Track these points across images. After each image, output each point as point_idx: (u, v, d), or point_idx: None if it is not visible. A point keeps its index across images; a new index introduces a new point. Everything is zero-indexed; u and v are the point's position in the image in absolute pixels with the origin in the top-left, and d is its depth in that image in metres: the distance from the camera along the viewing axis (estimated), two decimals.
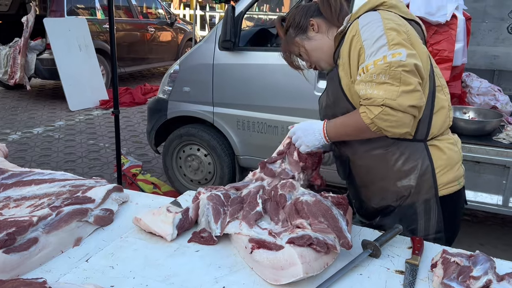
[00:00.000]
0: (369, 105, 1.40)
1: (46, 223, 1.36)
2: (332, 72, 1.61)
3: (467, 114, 3.49)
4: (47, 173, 1.83)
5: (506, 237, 3.62)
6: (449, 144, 1.60)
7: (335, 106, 1.62)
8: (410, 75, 1.36)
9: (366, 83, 1.39)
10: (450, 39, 2.74)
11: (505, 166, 2.98)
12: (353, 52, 1.47)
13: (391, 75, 1.35)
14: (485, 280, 1.11)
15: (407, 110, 1.36)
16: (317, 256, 1.21)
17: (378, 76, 1.36)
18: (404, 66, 1.35)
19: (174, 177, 4.33)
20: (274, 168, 1.68)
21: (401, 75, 1.35)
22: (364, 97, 1.41)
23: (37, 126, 6.71)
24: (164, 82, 4.17)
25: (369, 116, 1.40)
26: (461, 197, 1.68)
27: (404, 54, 1.36)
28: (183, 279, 1.23)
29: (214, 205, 1.48)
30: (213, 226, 1.43)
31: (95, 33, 8.44)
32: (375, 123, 1.39)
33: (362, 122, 1.43)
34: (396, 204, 1.61)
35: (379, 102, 1.36)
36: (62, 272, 1.26)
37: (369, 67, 1.39)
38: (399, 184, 1.58)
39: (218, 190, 1.57)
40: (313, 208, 1.34)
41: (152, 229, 1.45)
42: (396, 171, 1.57)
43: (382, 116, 1.37)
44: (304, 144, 1.61)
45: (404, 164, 1.55)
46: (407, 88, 1.35)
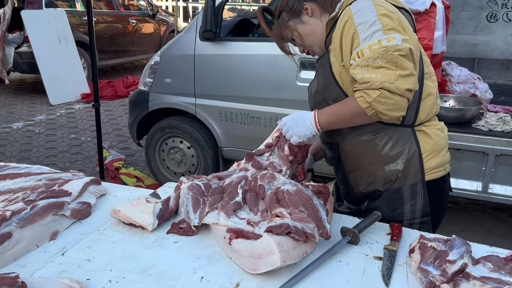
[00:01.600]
0: (367, 89, 1.39)
1: (20, 217, 1.33)
2: (323, 58, 1.61)
3: (448, 102, 3.53)
4: (23, 167, 1.79)
5: (486, 223, 3.69)
6: (436, 130, 1.62)
7: (326, 91, 1.62)
8: (406, 60, 1.38)
9: (363, 68, 1.39)
10: (430, 28, 2.75)
11: (484, 152, 3.02)
12: (346, 37, 1.46)
13: (388, 59, 1.36)
14: (461, 263, 1.12)
15: (404, 94, 1.38)
16: (295, 245, 1.21)
17: (375, 61, 1.37)
18: (400, 50, 1.37)
19: (158, 170, 4.29)
20: (262, 160, 1.64)
21: (398, 59, 1.36)
22: (361, 81, 1.40)
23: (16, 121, 6.59)
24: (145, 74, 4.12)
25: (366, 100, 1.39)
26: (446, 183, 1.70)
27: (399, 38, 1.38)
28: (160, 270, 1.21)
29: (194, 195, 1.47)
30: (192, 216, 1.42)
31: (75, 25, 8.29)
32: (372, 106, 1.39)
33: (358, 107, 1.42)
34: (383, 188, 1.63)
35: (377, 85, 1.36)
36: (37, 267, 1.23)
37: (365, 51, 1.39)
38: (386, 168, 1.59)
39: (199, 180, 1.56)
40: (294, 197, 1.34)
41: (132, 220, 1.43)
42: (384, 156, 1.58)
43: (380, 99, 1.37)
44: (296, 135, 1.58)
45: (392, 149, 1.57)
46: (403, 72, 1.37)
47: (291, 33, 1.68)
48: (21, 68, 7.94)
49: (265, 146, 1.68)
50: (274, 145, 1.65)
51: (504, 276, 1.08)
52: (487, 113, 3.28)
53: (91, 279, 1.17)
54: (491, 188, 3.08)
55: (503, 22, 4.50)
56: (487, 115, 3.22)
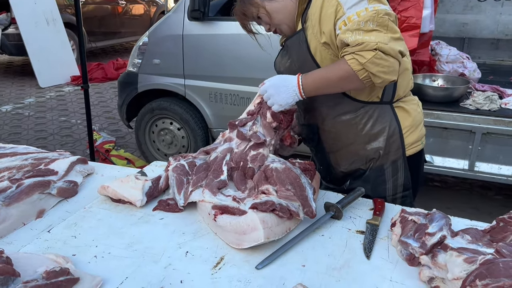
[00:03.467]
0: (359, 51, 1.34)
1: (6, 195, 1.34)
2: (296, 37, 1.56)
3: (436, 81, 3.54)
4: (9, 147, 1.79)
5: (473, 201, 3.74)
6: (413, 105, 1.64)
7: (301, 71, 1.57)
8: (395, 24, 1.38)
9: (354, 31, 1.35)
10: (418, 6, 2.74)
11: (471, 131, 3.05)
12: (327, 11, 1.42)
13: (379, 22, 1.34)
14: (440, 236, 1.15)
15: (397, 56, 1.35)
16: (279, 222, 1.23)
17: (366, 24, 1.34)
18: (389, 15, 1.37)
19: (148, 151, 4.29)
20: (245, 131, 1.56)
21: (388, 22, 1.35)
22: (354, 43, 1.34)
23: (5, 103, 6.52)
24: (133, 55, 4.08)
25: (360, 62, 1.33)
26: (423, 156, 1.74)
27: (384, 5, 1.38)
28: (146, 246, 1.23)
29: (178, 176, 1.48)
30: (177, 197, 1.44)
31: (62, 6, 8.15)
32: (366, 68, 1.33)
33: (349, 69, 1.36)
34: (365, 167, 1.64)
35: (372, 46, 1.32)
36: (23, 244, 1.24)
37: (352, 18, 1.36)
38: (368, 147, 1.60)
39: (185, 159, 1.56)
40: (282, 175, 1.35)
41: (121, 195, 1.44)
42: (365, 134, 1.59)
43: (375, 60, 1.32)
44: (277, 103, 1.49)
45: (373, 127, 1.58)
46: (395, 35, 1.36)
47: (257, 11, 1.57)
48: (8, 50, 7.82)
49: (247, 114, 1.61)
50: (256, 113, 1.59)
51: (481, 247, 1.10)
52: (475, 92, 3.30)
53: (77, 255, 1.18)
54: (477, 166, 3.12)
55: (492, 1, 4.49)
56: (475, 94, 3.24)
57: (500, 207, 3.63)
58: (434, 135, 3.17)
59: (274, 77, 1.52)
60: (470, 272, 1.00)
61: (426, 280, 1.09)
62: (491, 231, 1.20)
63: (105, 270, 1.12)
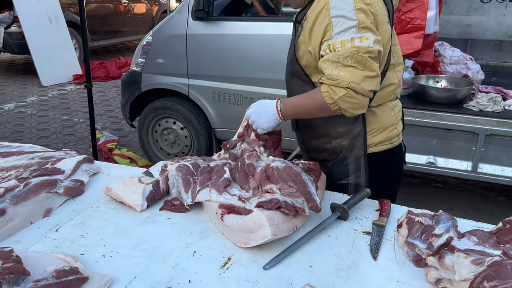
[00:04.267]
0: (334, 86, 1.42)
1: (13, 194, 1.34)
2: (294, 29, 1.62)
3: (440, 82, 3.55)
4: (15, 146, 1.80)
5: (475, 202, 3.75)
6: (386, 109, 1.67)
7: (291, 67, 1.66)
8: (374, 61, 1.42)
9: (333, 63, 1.41)
10: (423, 7, 2.74)
11: (474, 132, 3.05)
12: (319, 26, 1.45)
13: (357, 60, 1.39)
14: (446, 237, 1.15)
15: (368, 94, 1.43)
16: (285, 219, 1.24)
17: (345, 59, 1.39)
18: (370, 52, 1.39)
19: (151, 151, 4.30)
20: (235, 151, 1.66)
21: (367, 61, 1.39)
22: (329, 77, 1.42)
23: (8, 102, 6.53)
24: (137, 54, 4.09)
25: (332, 97, 1.43)
26: (396, 155, 1.76)
27: (371, 39, 1.40)
28: (153, 245, 1.24)
29: (184, 176, 1.48)
30: (184, 195, 1.44)
31: (65, 5, 8.16)
32: (337, 103, 1.43)
33: (323, 101, 1.46)
34: (330, 158, 1.72)
35: (344, 84, 1.40)
36: (31, 243, 1.25)
37: (336, 46, 1.40)
38: (334, 143, 1.70)
39: (186, 161, 1.57)
40: (283, 173, 1.36)
41: (122, 199, 1.45)
42: (334, 131, 1.68)
43: (345, 98, 1.41)
44: (260, 127, 1.61)
45: (341, 126, 1.65)
46: (370, 73, 1.41)
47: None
48: (11, 48, 7.83)
49: (237, 136, 1.72)
50: (244, 134, 1.69)
51: (488, 249, 1.11)
52: (478, 93, 3.31)
53: (85, 254, 1.19)
54: (480, 167, 3.13)
55: (496, 3, 4.49)
56: (478, 95, 3.24)
57: (502, 208, 3.63)
58: (437, 136, 3.18)
59: (256, 104, 1.64)
60: (477, 273, 1.00)
61: (433, 281, 1.10)
62: (498, 232, 1.20)
63: (114, 270, 1.13)
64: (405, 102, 3.27)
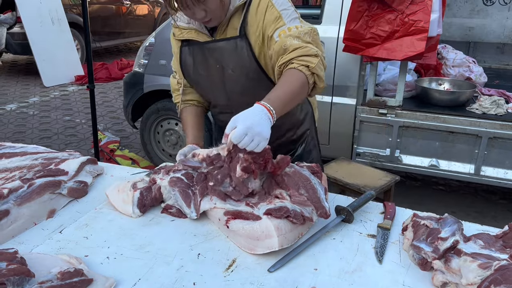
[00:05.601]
0: (303, 56, 1.45)
1: (17, 195, 1.34)
2: (233, 42, 1.56)
3: (442, 85, 3.55)
4: (19, 146, 1.80)
5: (478, 204, 3.74)
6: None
7: (245, 78, 1.59)
8: (322, 45, 1.57)
9: (295, 38, 1.49)
10: (426, 10, 2.73)
11: (477, 135, 3.05)
12: (269, 18, 1.52)
13: (313, 38, 1.52)
14: (452, 240, 1.14)
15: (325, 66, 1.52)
16: (292, 228, 1.23)
17: (305, 35, 1.50)
18: (317, 34, 1.56)
19: (153, 152, 4.29)
20: (224, 188, 1.37)
21: (318, 40, 1.55)
22: (296, 46, 1.47)
23: (10, 102, 6.53)
24: (139, 55, 4.09)
25: (309, 66, 1.43)
26: None
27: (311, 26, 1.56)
28: (158, 247, 1.23)
29: (181, 189, 1.40)
30: (187, 210, 1.37)
31: (67, 6, 8.17)
32: (315, 71, 1.45)
33: (302, 75, 1.43)
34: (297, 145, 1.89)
35: (313, 52, 1.46)
36: (35, 244, 1.25)
37: (293, 29, 1.51)
38: (298, 131, 1.85)
39: (176, 172, 1.45)
40: (293, 178, 1.34)
41: (116, 208, 1.43)
42: (295, 120, 1.81)
43: (319, 65, 1.46)
44: (264, 138, 1.25)
45: (301, 113, 1.83)
46: (322, 53, 1.52)
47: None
48: (13, 49, 7.84)
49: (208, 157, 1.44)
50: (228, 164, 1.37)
51: (494, 253, 1.10)
52: (481, 96, 3.30)
53: (89, 256, 1.19)
54: (483, 170, 3.12)
55: (499, 6, 4.49)
56: (481, 98, 3.24)
57: (505, 211, 3.62)
58: (440, 139, 3.17)
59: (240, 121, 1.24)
60: (484, 277, 0.99)
61: (439, 285, 1.09)
62: (504, 236, 1.20)
63: (118, 272, 1.12)
64: (407, 105, 3.28)
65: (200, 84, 1.74)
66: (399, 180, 2.90)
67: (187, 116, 1.83)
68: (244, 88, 1.64)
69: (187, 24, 1.64)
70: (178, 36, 1.67)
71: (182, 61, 1.71)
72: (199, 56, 1.65)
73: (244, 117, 1.25)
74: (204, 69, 1.66)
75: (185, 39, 1.66)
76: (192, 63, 1.68)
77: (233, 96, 1.69)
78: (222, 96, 1.71)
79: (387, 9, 2.87)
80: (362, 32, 2.94)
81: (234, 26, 1.57)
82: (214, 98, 1.77)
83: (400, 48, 2.84)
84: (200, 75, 1.69)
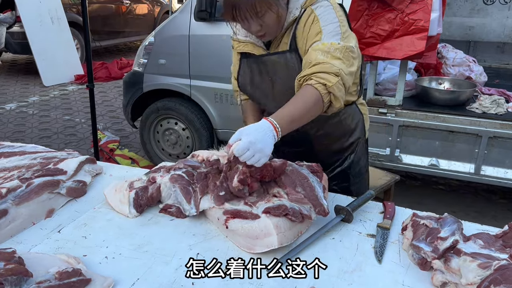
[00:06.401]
0: (324, 73, 1.42)
1: (15, 195, 1.34)
2: (284, 56, 1.61)
3: (442, 84, 3.54)
4: (18, 146, 1.79)
5: (478, 204, 3.73)
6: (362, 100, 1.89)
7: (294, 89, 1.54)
8: (355, 61, 1.54)
9: (323, 52, 1.47)
10: (426, 9, 2.73)
11: (477, 135, 3.04)
12: (311, 34, 1.53)
13: (345, 55, 1.49)
14: (452, 240, 1.14)
15: (346, 88, 1.48)
16: (291, 225, 1.23)
17: (335, 51, 1.48)
18: (353, 52, 1.53)
19: (152, 151, 4.29)
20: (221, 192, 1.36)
21: (351, 58, 1.52)
22: (320, 61, 1.45)
23: (9, 102, 6.53)
24: (139, 55, 4.08)
25: (326, 85, 1.41)
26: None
27: (354, 43, 1.56)
28: (157, 247, 1.23)
29: (182, 186, 1.41)
30: (186, 206, 1.38)
31: (67, 5, 8.16)
32: (331, 91, 1.42)
33: (317, 93, 1.40)
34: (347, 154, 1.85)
35: (335, 69, 1.43)
36: (33, 243, 1.24)
37: (327, 45, 1.49)
38: (350, 139, 1.83)
39: (177, 170, 1.48)
40: (290, 177, 1.35)
41: (114, 208, 1.43)
42: (347, 127, 1.80)
43: (338, 85, 1.43)
44: (265, 155, 1.27)
45: (352, 123, 1.80)
46: (352, 69, 1.51)
47: (267, 8, 1.47)
48: (13, 48, 7.84)
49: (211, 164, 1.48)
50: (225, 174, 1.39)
51: (494, 252, 1.10)
52: (481, 95, 3.30)
53: (88, 255, 1.18)
54: (483, 170, 3.11)
55: (499, 5, 4.48)
56: (481, 97, 3.23)
57: (505, 210, 3.62)
58: (440, 138, 3.16)
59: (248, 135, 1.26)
60: (484, 277, 0.99)
61: (439, 285, 1.09)
62: (504, 236, 1.20)
63: (116, 271, 1.12)
64: (407, 104, 3.27)
65: (254, 95, 1.79)
66: (399, 180, 2.88)
67: (247, 108, 1.86)
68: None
69: (244, 37, 1.68)
70: (237, 49, 1.74)
71: (240, 73, 1.77)
72: (255, 68, 1.70)
73: (249, 132, 1.27)
74: (258, 81, 1.72)
75: (243, 52, 1.71)
76: (249, 75, 1.74)
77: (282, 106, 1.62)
78: (272, 106, 1.67)
79: (387, 8, 2.86)
80: (362, 31, 2.93)
81: (286, 41, 1.61)
82: (265, 107, 1.81)
83: (400, 47, 2.83)
84: (254, 86, 1.74)
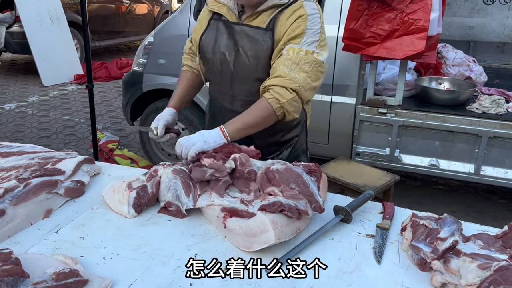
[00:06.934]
0: (283, 87, 1.54)
1: (13, 195, 1.33)
2: (262, 33, 1.63)
3: (442, 84, 3.54)
4: (16, 146, 1.79)
5: (478, 204, 3.73)
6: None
7: (256, 69, 1.66)
8: (321, 76, 1.63)
9: (292, 63, 1.56)
10: (426, 9, 2.72)
11: (477, 135, 3.03)
12: (293, 28, 1.58)
13: (313, 69, 1.58)
14: (452, 241, 1.13)
15: (305, 102, 1.64)
16: (289, 222, 1.22)
17: (304, 64, 1.57)
18: (322, 67, 1.62)
19: (152, 151, 4.28)
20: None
21: (319, 73, 1.61)
22: (285, 75, 1.55)
23: (9, 101, 6.52)
24: (138, 55, 4.08)
25: (279, 101, 1.55)
26: None
27: (324, 57, 1.63)
28: (155, 247, 1.22)
29: (183, 179, 1.43)
30: (185, 199, 1.38)
31: (66, 5, 8.14)
32: (284, 106, 1.56)
33: (269, 107, 1.56)
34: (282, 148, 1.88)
35: (295, 86, 1.55)
36: (31, 244, 1.24)
37: (301, 53, 1.57)
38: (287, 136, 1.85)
39: (179, 165, 1.50)
40: (284, 175, 1.35)
41: (112, 209, 1.42)
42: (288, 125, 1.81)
43: (292, 102, 1.57)
44: (188, 147, 1.51)
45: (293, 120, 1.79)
46: (316, 84, 1.61)
47: None
48: (12, 48, 7.82)
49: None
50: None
51: (494, 253, 1.09)
52: (481, 95, 3.29)
53: (85, 256, 1.18)
54: (483, 170, 3.11)
55: (499, 5, 4.48)
56: (481, 97, 3.23)
57: (505, 211, 3.61)
58: (439, 139, 3.16)
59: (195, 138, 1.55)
60: (484, 278, 0.99)
61: (438, 286, 1.08)
62: (503, 236, 1.19)
63: (114, 272, 1.11)
64: (407, 104, 3.27)
65: (211, 60, 1.77)
66: (399, 180, 2.89)
67: (183, 79, 1.95)
68: (249, 75, 1.70)
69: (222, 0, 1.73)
70: (211, 7, 1.76)
71: (206, 35, 1.77)
72: (224, 33, 1.71)
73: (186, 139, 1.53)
74: (223, 46, 1.71)
75: (216, 12, 1.74)
76: (214, 38, 1.74)
77: (237, 79, 1.73)
78: (227, 77, 1.74)
79: (387, 8, 2.85)
80: (361, 31, 2.93)
81: (263, 20, 1.64)
82: (219, 76, 1.79)
83: (400, 47, 2.83)
84: (216, 52, 1.73)
